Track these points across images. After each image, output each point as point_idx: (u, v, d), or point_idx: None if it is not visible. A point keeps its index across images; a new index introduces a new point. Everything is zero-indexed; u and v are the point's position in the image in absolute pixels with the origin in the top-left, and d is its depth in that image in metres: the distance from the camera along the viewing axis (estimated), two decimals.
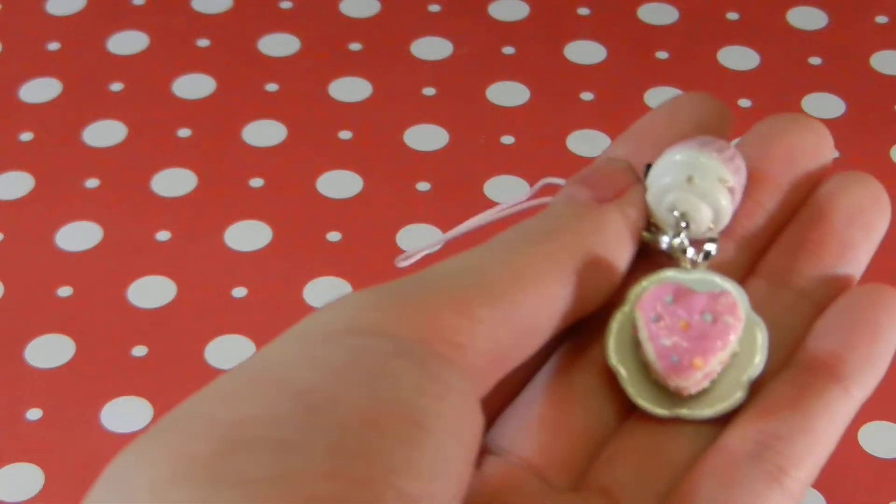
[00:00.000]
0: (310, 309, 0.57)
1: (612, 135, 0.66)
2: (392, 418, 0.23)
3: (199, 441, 0.23)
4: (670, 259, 0.30)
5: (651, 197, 0.30)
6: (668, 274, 0.29)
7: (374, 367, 0.24)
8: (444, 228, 0.61)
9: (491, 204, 0.62)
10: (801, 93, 0.68)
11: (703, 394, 0.28)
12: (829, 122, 0.67)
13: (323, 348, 0.24)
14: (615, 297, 0.29)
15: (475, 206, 0.62)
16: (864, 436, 0.53)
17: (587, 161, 0.64)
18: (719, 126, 0.31)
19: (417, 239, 0.60)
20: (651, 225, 0.30)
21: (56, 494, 0.51)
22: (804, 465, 0.27)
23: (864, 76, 0.69)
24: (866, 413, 0.54)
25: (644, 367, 0.29)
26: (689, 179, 0.29)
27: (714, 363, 0.28)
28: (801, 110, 0.67)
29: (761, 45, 0.71)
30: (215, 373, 0.55)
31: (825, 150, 0.32)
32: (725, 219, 0.30)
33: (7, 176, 0.64)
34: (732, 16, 0.73)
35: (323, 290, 0.58)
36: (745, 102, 0.68)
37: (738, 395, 0.28)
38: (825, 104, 0.68)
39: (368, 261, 0.59)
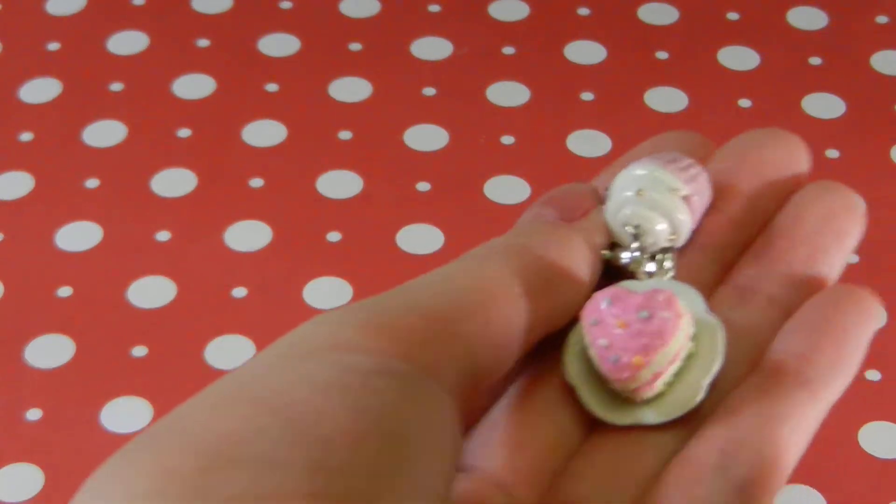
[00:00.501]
0: (310, 309, 0.57)
1: (612, 135, 0.66)
2: (375, 436, 0.23)
3: (178, 456, 0.22)
4: (634, 275, 0.30)
5: (609, 215, 0.30)
6: (621, 285, 0.29)
7: (357, 384, 0.24)
8: (445, 228, 0.61)
9: (491, 204, 0.62)
10: (801, 93, 0.68)
11: (660, 399, 0.28)
12: (829, 122, 0.67)
13: (305, 365, 0.24)
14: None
15: (475, 207, 0.62)
16: (864, 436, 0.53)
17: (587, 161, 0.65)
18: (701, 159, 0.32)
19: (417, 239, 0.60)
20: (612, 243, 0.30)
21: (56, 494, 0.51)
22: (770, 474, 0.26)
23: (864, 76, 0.69)
24: (866, 413, 0.54)
25: (600, 379, 0.28)
26: (639, 192, 0.29)
27: (659, 361, 0.27)
28: (801, 110, 0.67)
29: (761, 45, 0.71)
30: (215, 373, 0.55)
31: (799, 163, 0.32)
32: (684, 229, 0.30)
33: (7, 176, 0.64)
34: (732, 16, 0.73)
35: (323, 290, 0.58)
36: (745, 102, 0.68)
37: (697, 398, 0.28)
38: (825, 104, 0.68)
39: (368, 261, 0.59)
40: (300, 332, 0.26)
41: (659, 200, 0.29)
